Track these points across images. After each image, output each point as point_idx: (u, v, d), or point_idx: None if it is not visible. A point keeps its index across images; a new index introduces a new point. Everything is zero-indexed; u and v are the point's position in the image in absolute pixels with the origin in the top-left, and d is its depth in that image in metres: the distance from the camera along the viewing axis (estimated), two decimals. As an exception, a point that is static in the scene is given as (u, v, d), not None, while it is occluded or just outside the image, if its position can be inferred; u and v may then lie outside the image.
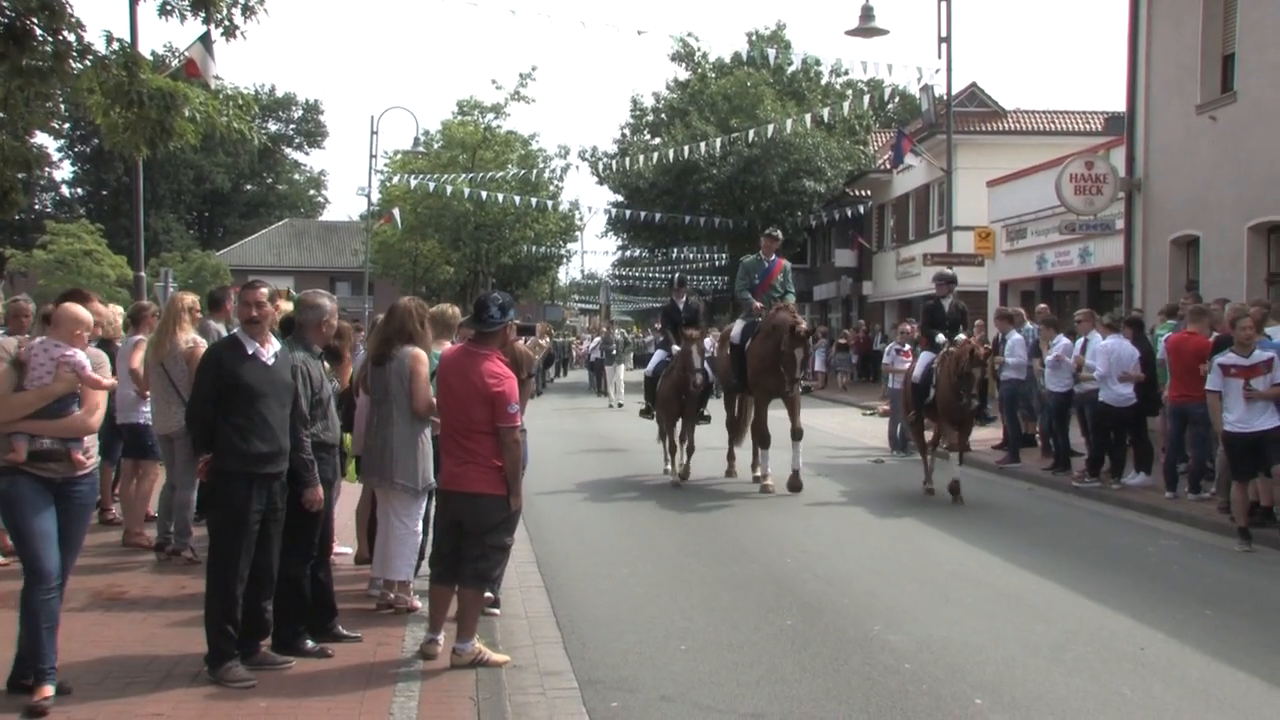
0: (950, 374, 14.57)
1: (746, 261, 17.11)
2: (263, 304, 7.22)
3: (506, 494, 7.36)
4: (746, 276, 16.74)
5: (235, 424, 6.91)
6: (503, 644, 8.04)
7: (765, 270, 16.63)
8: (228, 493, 6.94)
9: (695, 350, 15.74)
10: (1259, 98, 19.14)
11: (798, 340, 14.88)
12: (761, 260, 16.78)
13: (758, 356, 15.59)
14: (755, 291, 16.45)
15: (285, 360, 7.22)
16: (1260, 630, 8.71)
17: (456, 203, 46.39)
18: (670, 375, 16.37)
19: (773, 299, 16.18)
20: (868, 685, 7.31)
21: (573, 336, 64.82)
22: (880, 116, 54.98)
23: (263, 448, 6.96)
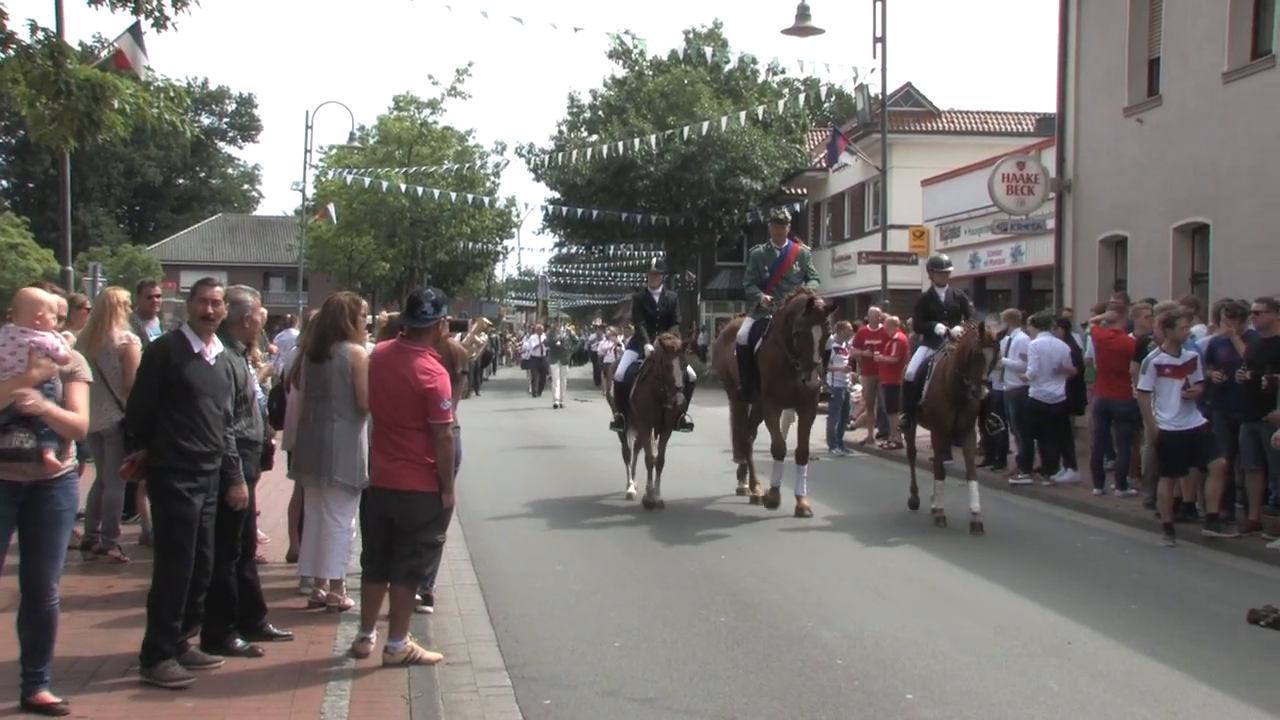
0: (950, 367, 12.80)
1: (755, 253, 14.78)
2: (218, 302, 7.13)
3: (439, 491, 7.32)
4: (755, 270, 14.43)
5: (176, 421, 6.80)
6: (436, 642, 7.99)
7: (777, 260, 14.22)
8: (175, 490, 6.81)
9: (676, 364, 13.52)
10: (1183, 102, 19.50)
11: (816, 316, 12.61)
12: (772, 249, 14.35)
13: (770, 358, 13.48)
14: (766, 285, 14.14)
15: (222, 361, 7.15)
16: (1183, 623, 8.87)
17: (392, 198, 46.03)
18: (647, 381, 13.92)
19: (788, 292, 13.71)
20: (800, 681, 7.35)
21: (509, 334, 64.64)
22: (816, 115, 55.31)
23: (202, 446, 6.88)
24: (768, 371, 13.54)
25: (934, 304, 14.20)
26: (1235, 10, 18.34)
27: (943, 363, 13.13)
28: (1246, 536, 11.77)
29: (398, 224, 49.81)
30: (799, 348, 12.70)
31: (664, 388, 13.50)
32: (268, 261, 75.92)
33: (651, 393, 13.76)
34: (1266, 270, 16.75)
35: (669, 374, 13.45)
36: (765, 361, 13.58)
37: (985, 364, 12.57)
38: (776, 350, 13.28)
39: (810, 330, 12.59)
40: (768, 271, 14.22)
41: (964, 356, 12.51)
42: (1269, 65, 17.54)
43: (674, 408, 13.69)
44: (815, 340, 12.62)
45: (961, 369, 12.54)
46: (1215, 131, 18.59)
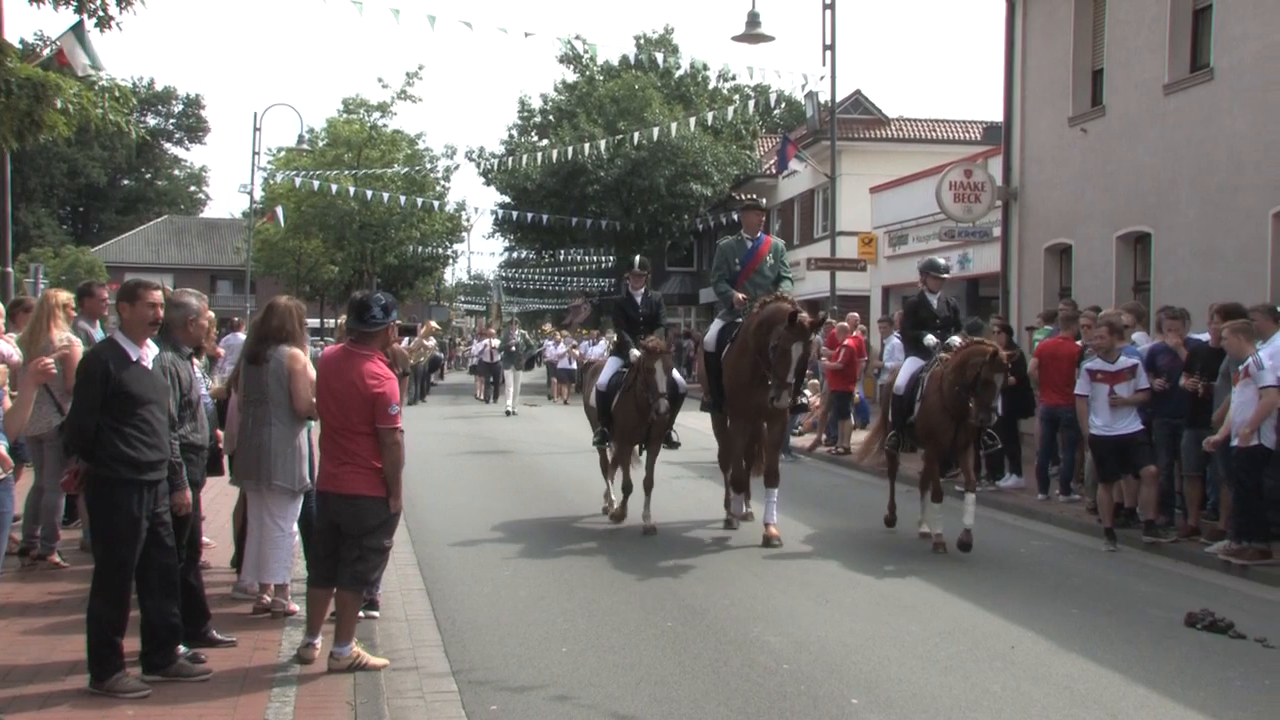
0: (949, 385, 11.59)
1: (724, 244, 13.32)
2: (159, 305, 7.06)
3: (386, 496, 7.29)
4: (724, 263, 12.96)
5: (122, 431, 6.68)
6: (382, 647, 7.95)
7: (748, 252, 12.87)
8: (119, 501, 6.69)
9: (660, 367, 12.23)
10: (1125, 112, 19.79)
11: (799, 332, 11.24)
12: (743, 240, 13.01)
13: (736, 366, 12.08)
14: (736, 281, 12.78)
15: (160, 364, 7.07)
16: (1123, 627, 8.98)
17: (341, 201, 45.80)
18: (631, 392, 12.67)
19: (761, 289, 12.56)
20: (747, 686, 7.38)
21: (459, 338, 64.42)
22: (766, 122, 55.58)
23: (150, 455, 6.78)
24: (731, 382, 12.24)
25: (925, 311, 13.02)
26: (1175, 24, 18.64)
27: (938, 375, 11.93)
28: (1185, 541, 11.95)
29: (347, 227, 49.55)
30: (775, 364, 11.30)
31: (647, 395, 12.26)
32: (215, 264, 75.27)
33: (635, 403, 12.53)
34: (1206, 279, 17.03)
35: (651, 379, 12.21)
36: (730, 371, 12.29)
37: (995, 390, 11.42)
38: (743, 359, 11.88)
39: (791, 347, 11.23)
40: (738, 265, 12.86)
41: (967, 377, 11.30)
42: (1207, 78, 17.84)
43: (660, 418, 12.43)
44: (794, 359, 11.28)
45: (964, 389, 11.34)
46: (1156, 142, 18.88)
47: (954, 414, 11.63)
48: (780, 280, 12.79)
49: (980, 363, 11.17)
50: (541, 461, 19.54)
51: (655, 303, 13.86)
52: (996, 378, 11.28)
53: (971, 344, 11.69)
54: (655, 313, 13.70)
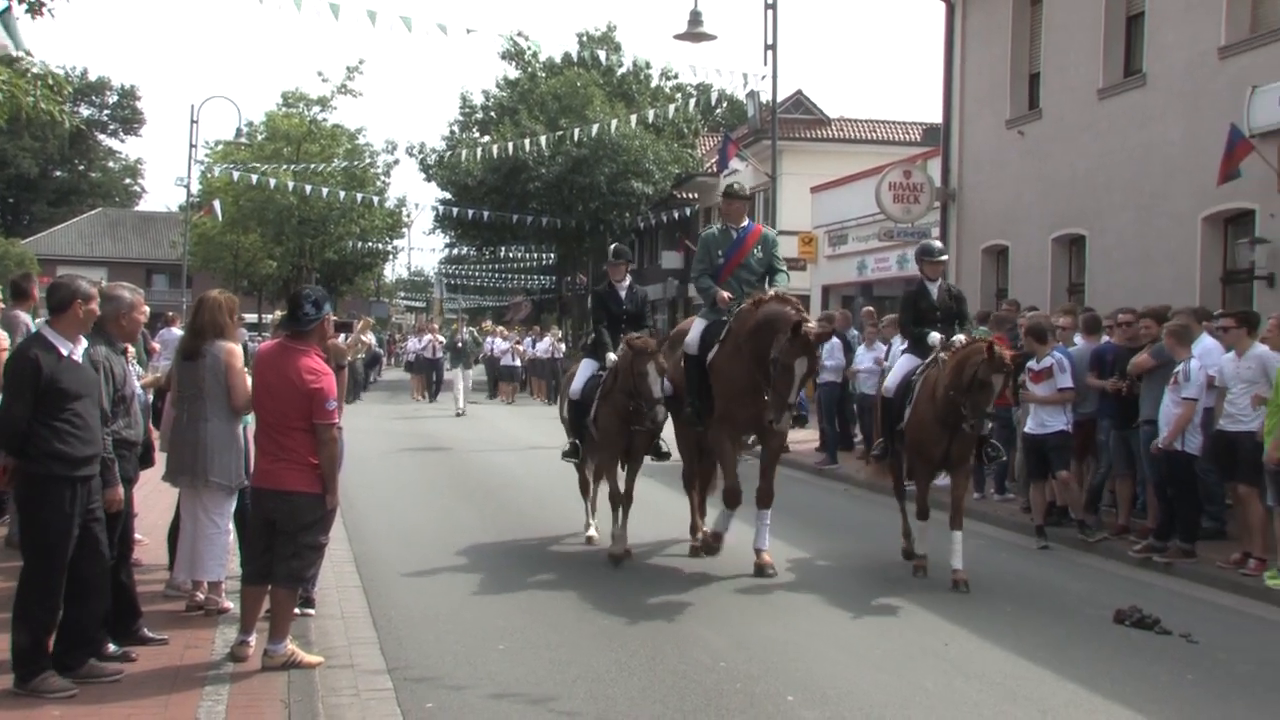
0: (944, 385, 10.29)
1: (706, 235, 11.70)
2: (93, 298, 6.96)
3: (322, 492, 7.25)
4: (706, 256, 11.37)
5: (54, 427, 6.56)
6: (317, 645, 7.89)
7: (733, 243, 11.25)
8: (51, 497, 6.57)
9: (653, 370, 10.54)
10: (1060, 116, 20.08)
11: (804, 346, 9.76)
12: (728, 230, 11.36)
13: (727, 373, 10.54)
14: (719, 275, 11.19)
15: (90, 358, 6.97)
16: (1055, 624, 9.11)
17: (280, 196, 45.30)
18: (611, 398, 11.09)
19: (748, 284, 11.14)
20: (684, 684, 7.40)
21: (398, 334, 64.01)
22: (708, 120, 55.71)
23: (84, 450, 6.68)
24: (724, 390, 10.62)
25: (924, 302, 11.49)
26: (1109, 30, 18.96)
27: (932, 377, 10.66)
28: (1115, 540, 12.14)
29: (285, 222, 49.08)
30: (776, 381, 9.82)
31: (637, 403, 10.62)
32: (150, 258, 74.20)
33: (618, 412, 10.96)
34: (1139, 281, 17.31)
35: (644, 384, 10.50)
36: (721, 377, 10.66)
37: (992, 394, 10.07)
38: (737, 364, 10.41)
39: (794, 364, 9.73)
40: (721, 257, 11.24)
41: (963, 377, 10.02)
42: (1140, 84, 18.14)
43: (651, 428, 10.94)
44: (798, 376, 9.82)
45: (959, 392, 10.06)
46: (1091, 146, 19.16)
47: (947, 422, 10.32)
48: (774, 274, 11.24)
49: (978, 362, 9.92)
50: (481, 459, 19.48)
51: (640, 297, 12.40)
52: (995, 379, 9.93)
53: (972, 342, 10.46)
54: (640, 309, 12.25)
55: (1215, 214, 16.68)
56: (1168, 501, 11.46)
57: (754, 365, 10.16)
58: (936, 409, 10.40)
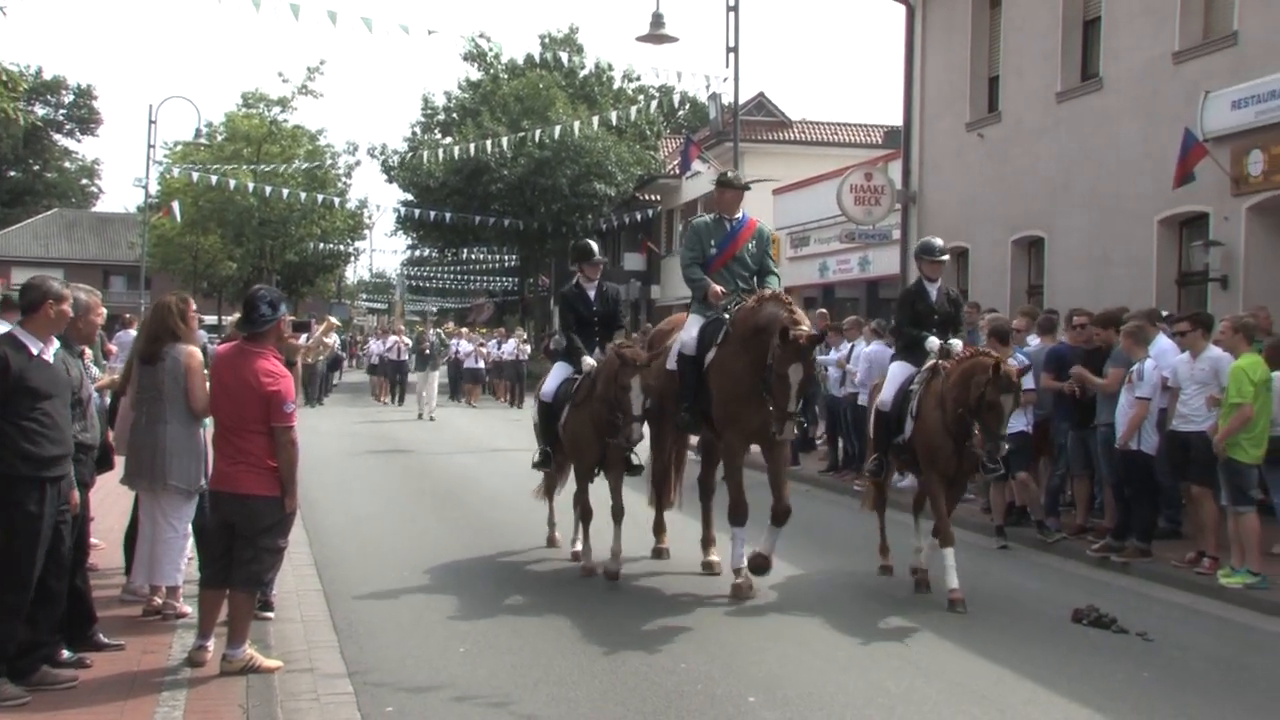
0: (949, 402, 9.68)
1: (697, 224, 10.89)
2: (65, 298, 6.90)
3: (281, 495, 7.21)
4: (697, 246, 10.52)
5: (21, 427, 6.49)
6: (277, 649, 7.85)
7: (727, 235, 10.48)
8: (18, 499, 6.50)
9: (638, 385, 9.84)
10: (1020, 119, 20.25)
11: (796, 353, 9.16)
12: (721, 221, 10.57)
13: (730, 376, 9.82)
14: (710, 267, 10.41)
15: (59, 358, 6.92)
16: (1014, 624, 9.18)
17: (240, 197, 45.00)
18: (586, 406, 10.42)
19: (740, 279, 10.42)
20: (645, 685, 7.40)
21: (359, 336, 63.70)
22: (670, 123, 55.77)
23: (53, 450, 6.62)
24: (729, 394, 9.83)
25: (922, 303, 10.73)
26: (1066, 34, 19.16)
27: (936, 387, 9.98)
28: (1073, 539, 12.24)
29: (245, 223, 48.78)
30: (774, 391, 9.24)
31: (617, 417, 9.89)
32: (108, 259, 73.49)
33: (593, 422, 10.31)
34: (1096, 283, 17.49)
35: (626, 399, 9.77)
36: (725, 379, 9.87)
37: (1003, 416, 9.37)
38: (741, 365, 9.69)
39: (787, 371, 9.13)
40: (713, 248, 10.46)
41: (970, 397, 9.40)
42: (1097, 87, 18.33)
43: (626, 445, 10.21)
44: (794, 384, 9.16)
45: (968, 410, 9.47)
46: (1050, 148, 19.34)
47: (956, 435, 9.76)
48: (766, 275, 10.58)
49: (982, 381, 9.27)
50: (444, 462, 19.42)
51: (614, 297, 11.49)
52: (1004, 400, 9.25)
53: (974, 354, 9.79)
54: (613, 310, 11.39)
55: (1171, 217, 16.88)
56: (1125, 501, 11.59)
57: (757, 368, 9.54)
58: (947, 420, 9.71)
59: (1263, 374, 10.33)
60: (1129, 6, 17.71)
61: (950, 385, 9.68)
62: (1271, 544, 11.03)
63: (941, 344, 10.30)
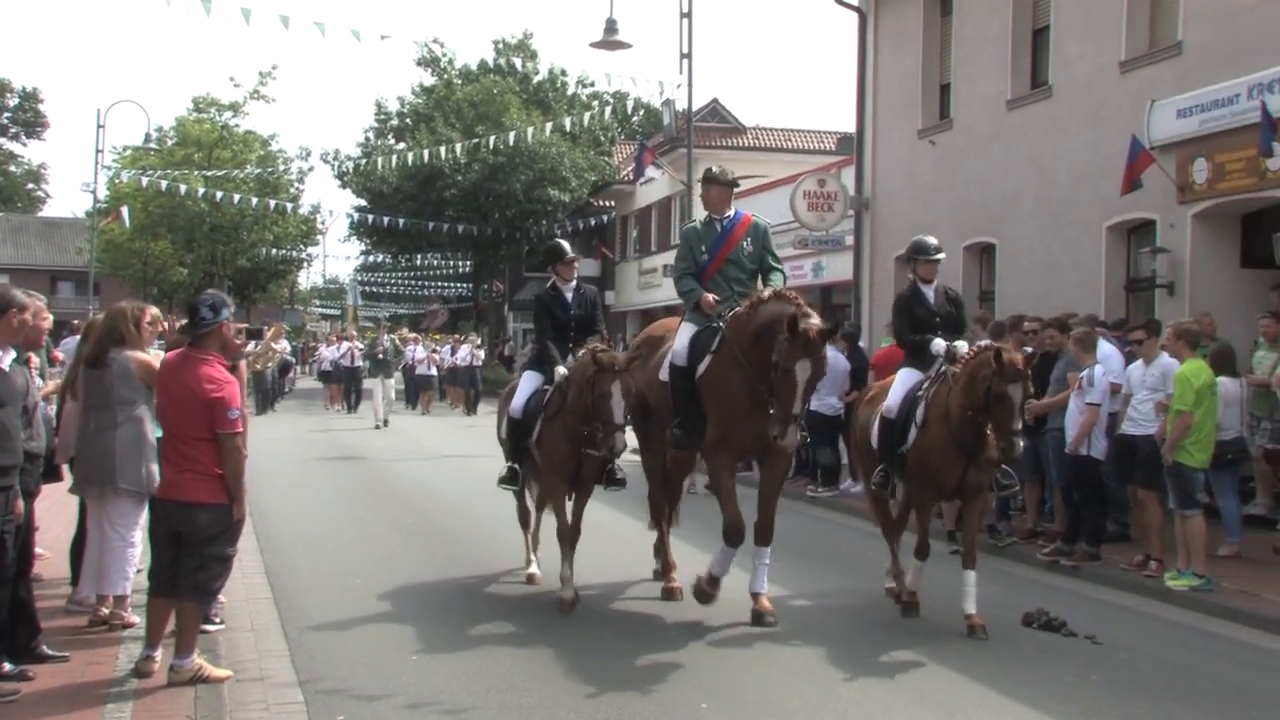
0: (955, 408, 9.02)
1: (688, 230, 10.23)
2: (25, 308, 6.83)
3: (229, 502, 7.14)
4: (688, 254, 9.78)
5: None
6: (226, 658, 7.77)
7: (718, 237, 9.68)
8: None
9: (618, 391, 8.96)
10: (971, 126, 20.42)
11: (805, 346, 8.42)
12: (711, 222, 9.77)
13: (723, 392, 9.12)
14: (704, 275, 9.65)
15: (15, 367, 6.83)
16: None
17: (191, 202, 44.68)
18: (560, 418, 9.54)
19: (739, 284, 9.64)
20: (599, 692, 7.38)
21: (312, 342, 63.29)
22: (625, 129, 55.85)
23: (4, 460, 6.55)
24: (720, 409, 9.18)
25: (920, 307, 9.98)
26: (1016, 42, 19.35)
27: (943, 394, 9.28)
28: (1024, 544, 12.34)
29: (196, 229, 48.39)
30: (778, 388, 8.52)
31: (594, 427, 9.08)
32: (55, 265, 72.60)
33: (566, 434, 9.46)
34: (1046, 289, 17.65)
35: (606, 407, 8.92)
36: (716, 394, 9.18)
37: (1014, 408, 8.67)
38: (736, 378, 9.02)
39: (794, 366, 8.41)
40: (705, 254, 9.67)
41: (977, 393, 8.80)
42: (1046, 95, 18.52)
43: (608, 456, 9.27)
44: (801, 382, 8.46)
45: (978, 411, 8.84)
46: (1000, 155, 19.51)
47: (966, 447, 9.06)
48: (769, 272, 9.80)
49: (988, 375, 8.70)
50: (396, 469, 19.31)
51: (591, 299, 10.58)
52: (1012, 390, 8.62)
53: (980, 351, 9.17)
54: (591, 314, 10.45)
55: (1119, 223, 17.07)
56: (1074, 506, 11.71)
57: (756, 378, 8.84)
58: (953, 430, 9.04)
59: (1207, 379, 10.47)
60: (1077, 16, 17.91)
61: (958, 390, 9.02)
62: (1216, 547, 11.18)
63: (948, 345, 9.56)
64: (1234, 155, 14.95)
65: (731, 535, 9.28)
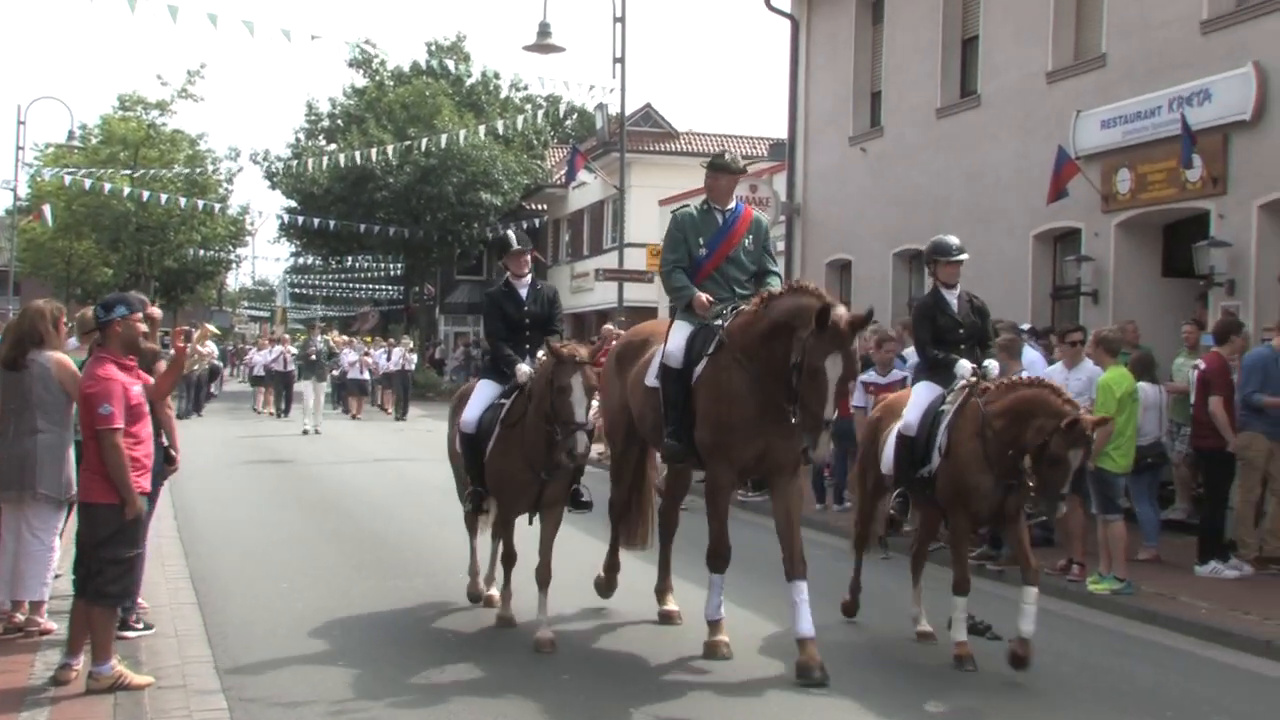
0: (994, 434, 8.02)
1: (681, 216, 8.89)
2: None
3: (120, 502, 6.97)
4: (680, 245, 8.70)
5: None
6: (148, 665, 7.64)
7: (720, 229, 8.67)
8: None
9: (579, 385, 7.95)
10: (900, 134, 20.66)
11: (836, 340, 7.49)
12: (711, 212, 8.75)
13: (722, 396, 8.07)
14: (700, 270, 8.64)
15: None
16: (892, 632, 9.31)
17: (116, 202, 43.88)
18: (519, 429, 8.47)
19: (738, 285, 8.63)
20: (526, 697, 7.36)
21: (242, 344, 62.55)
22: (558, 132, 55.77)
23: None
24: (719, 417, 8.11)
25: (943, 315, 9.03)
26: (946, 51, 19.62)
27: (974, 411, 8.25)
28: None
29: (122, 228, 47.54)
30: (803, 393, 7.58)
31: (555, 430, 8.04)
32: (-27, 264, 71.06)
33: (524, 447, 8.38)
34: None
35: (565, 403, 7.91)
36: (715, 399, 8.12)
37: (1069, 473, 7.76)
38: (739, 381, 8.01)
39: (823, 364, 7.48)
40: (703, 248, 8.64)
41: (1025, 437, 7.83)
42: (975, 104, 18.78)
43: (569, 462, 8.14)
44: (833, 381, 7.55)
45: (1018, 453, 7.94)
46: (930, 163, 19.74)
47: (1000, 473, 8.13)
48: (766, 275, 8.81)
49: (1048, 428, 7.69)
50: (326, 473, 19.11)
51: (549, 297, 9.35)
52: (1072, 456, 7.67)
53: (1035, 386, 8.11)
54: (549, 313, 9.27)
55: (1045, 232, 17.34)
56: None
57: (767, 382, 7.86)
58: (989, 454, 8.07)
59: (1128, 386, 10.66)
60: (1005, 26, 18.18)
61: (997, 413, 8.01)
62: (1136, 550, 11.38)
63: (974, 368, 8.61)
64: (1156, 166, 15.28)
65: (715, 559, 8.38)
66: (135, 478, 7.02)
